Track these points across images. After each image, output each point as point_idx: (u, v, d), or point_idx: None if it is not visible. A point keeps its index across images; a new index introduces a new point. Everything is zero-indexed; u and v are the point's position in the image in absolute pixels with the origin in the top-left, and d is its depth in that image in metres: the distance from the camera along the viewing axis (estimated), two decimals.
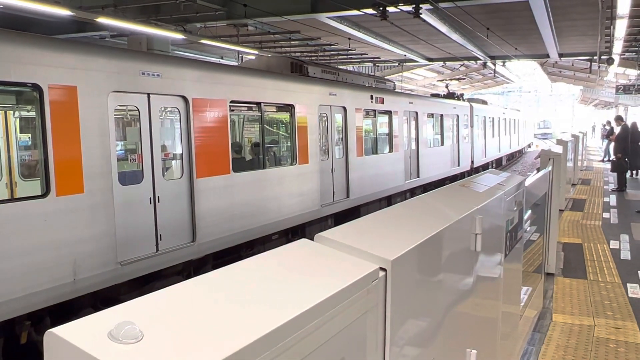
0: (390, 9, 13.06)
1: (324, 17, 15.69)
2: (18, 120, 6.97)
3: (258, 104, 9.50)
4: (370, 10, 13.25)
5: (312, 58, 25.69)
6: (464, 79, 39.35)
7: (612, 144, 18.80)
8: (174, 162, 7.86)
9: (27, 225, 5.62)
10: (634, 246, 8.59)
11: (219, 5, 15.20)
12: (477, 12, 15.66)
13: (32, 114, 6.28)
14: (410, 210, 2.48)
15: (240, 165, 9.22)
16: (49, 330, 0.98)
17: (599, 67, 25.84)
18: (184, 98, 7.77)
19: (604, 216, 11.19)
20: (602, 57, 21.25)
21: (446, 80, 37.68)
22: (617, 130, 18.48)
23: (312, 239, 1.74)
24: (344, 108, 12.33)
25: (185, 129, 7.83)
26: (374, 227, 2.01)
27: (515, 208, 3.73)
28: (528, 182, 4.52)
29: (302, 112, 10.63)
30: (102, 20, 12.26)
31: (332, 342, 1.33)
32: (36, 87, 5.84)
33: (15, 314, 5.59)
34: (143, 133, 7.14)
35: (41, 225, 5.76)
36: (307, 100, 10.85)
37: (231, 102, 8.67)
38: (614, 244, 8.73)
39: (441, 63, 28.55)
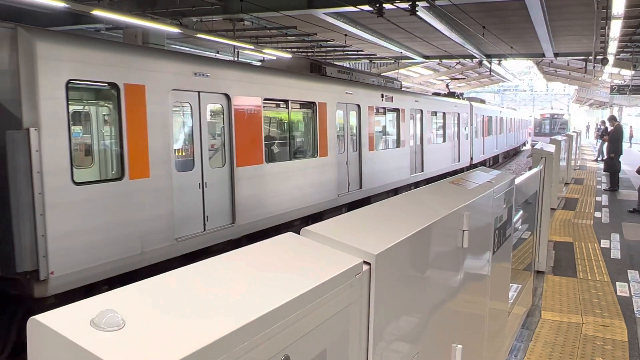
0: (387, 5, 13.06)
1: (321, 13, 15.67)
2: (101, 114, 7.94)
3: (286, 101, 10.57)
4: (366, 7, 13.25)
5: (308, 54, 25.67)
6: (464, 78, 39.46)
7: (606, 144, 18.88)
8: (218, 152, 8.87)
9: (109, 203, 6.71)
10: (624, 245, 8.66)
11: (216, 0, 15.16)
12: (473, 11, 15.68)
13: (110, 108, 7.34)
14: (398, 206, 2.50)
15: (270, 156, 10.27)
16: (32, 317, 1.00)
17: (594, 67, 25.93)
18: (227, 96, 8.79)
19: (595, 215, 11.26)
20: (597, 57, 21.32)
21: (445, 79, 37.76)
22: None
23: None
24: (358, 106, 13.28)
25: (227, 122, 8.87)
26: (360, 222, 2.03)
27: (504, 206, 3.76)
28: (519, 180, 4.55)
29: (322, 109, 11.63)
30: (98, 12, 12.21)
31: (314, 334, 1.35)
32: (114, 86, 6.86)
33: (98, 279, 6.59)
34: (194, 126, 8.24)
35: (118, 204, 6.80)
36: (327, 98, 11.82)
37: (264, 99, 9.70)
38: (604, 243, 8.79)
39: (437, 61, 28.56)
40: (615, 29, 14.53)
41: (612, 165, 15.27)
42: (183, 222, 7.80)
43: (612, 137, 16.13)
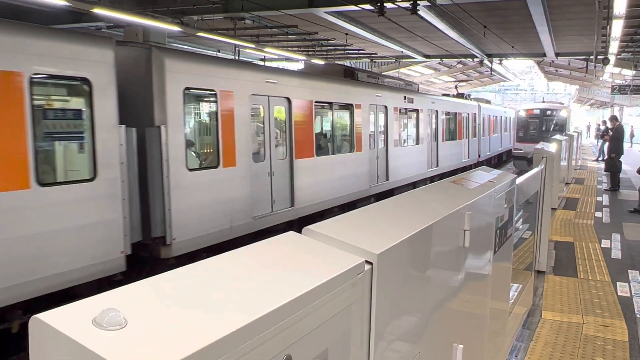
0: (388, 4, 13.04)
1: (322, 12, 15.66)
2: (204, 115, 9.51)
3: (330, 103, 12.37)
4: (367, 6, 13.23)
5: (310, 53, 25.66)
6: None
7: (607, 144, 18.88)
8: (281, 146, 10.53)
9: (210, 186, 8.45)
10: (625, 245, 8.65)
11: None
12: (475, 10, 15.66)
13: (210, 110, 9.01)
14: (400, 206, 2.50)
15: (319, 150, 11.84)
16: (33, 316, 0.99)
17: (595, 66, 25.90)
18: (288, 99, 10.52)
19: (596, 215, 11.25)
20: (598, 56, 21.29)
21: (447, 79, 37.70)
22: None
23: None
24: (386, 107, 14.92)
25: (288, 122, 10.59)
26: (362, 221, 2.03)
27: (505, 205, 3.75)
28: (520, 180, 4.54)
29: (357, 109, 13.30)
30: (99, 11, 12.20)
31: (315, 333, 1.34)
32: (213, 92, 8.63)
33: (202, 246, 8.24)
34: (265, 124, 9.93)
35: (215, 187, 8.57)
36: (361, 100, 13.49)
37: (315, 102, 11.43)
38: (605, 243, 8.79)
39: (438, 60, 28.55)
40: (617, 28, 14.51)
41: (612, 165, 15.25)
42: (257, 204, 9.56)
43: (613, 137, 16.11)
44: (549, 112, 27.59)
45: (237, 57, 22.71)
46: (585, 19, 16.95)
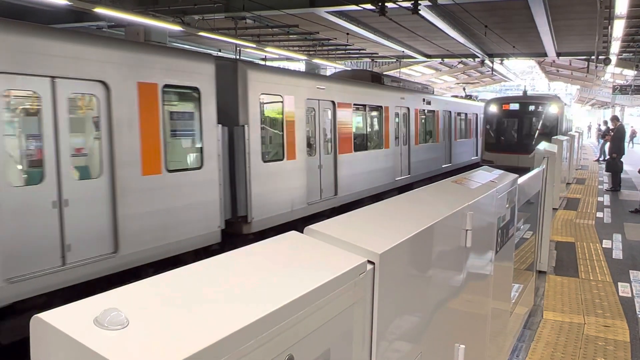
0: (389, 4, 13.03)
1: (323, 12, 15.66)
2: (273, 116, 10.99)
3: (364, 105, 14.02)
4: (368, 6, 13.22)
5: (310, 53, 25.65)
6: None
7: (608, 144, 18.86)
8: (328, 143, 12.32)
9: (277, 176, 10.23)
10: (626, 246, 8.64)
11: None
12: (476, 10, 15.65)
13: (279, 112, 10.69)
14: (401, 205, 2.49)
15: (356, 147, 13.46)
16: (35, 315, 0.99)
17: (596, 67, 25.88)
18: (333, 102, 12.37)
19: (597, 215, 11.24)
20: (600, 57, 21.27)
21: (449, 79, 37.68)
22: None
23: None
24: (408, 108, 16.73)
25: (333, 121, 12.42)
26: (363, 221, 2.02)
27: (507, 205, 3.75)
28: (521, 180, 4.53)
29: (386, 111, 15.13)
30: (100, 10, 12.20)
31: (318, 333, 1.34)
32: (280, 97, 10.45)
33: (271, 225, 10.05)
34: (316, 124, 11.76)
35: (281, 177, 10.35)
36: (388, 103, 15.31)
37: (354, 104, 13.26)
38: (606, 243, 8.78)
39: (439, 60, 28.54)
40: (618, 28, 14.48)
41: (614, 165, 15.23)
42: (310, 192, 11.34)
43: (614, 137, 16.09)
44: (532, 108, 19.68)
45: (238, 57, 22.72)
46: (587, 19, 16.94)
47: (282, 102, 10.40)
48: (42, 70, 6.09)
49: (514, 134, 20.16)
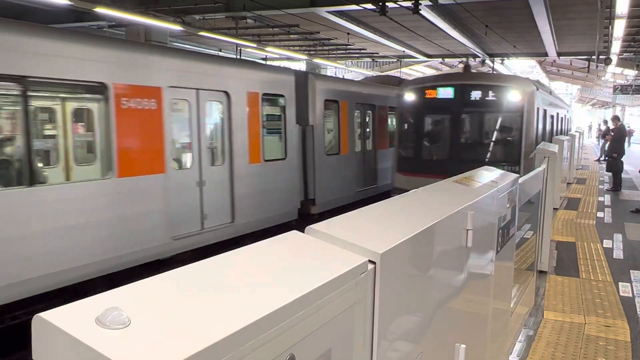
0: (390, 4, 13.02)
1: (323, 12, 15.65)
2: (330, 118, 13.41)
3: (393, 107, 14.75)
4: (369, 5, 13.21)
5: (311, 52, 25.65)
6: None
7: (608, 144, 18.84)
8: (359, 141, 14.41)
9: (335, 166, 12.93)
10: (627, 246, 8.64)
11: None
12: (477, 9, 15.64)
13: (336, 115, 13.30)
14: (402, 205, 2.49)
15: (380, 144, 15.57)
16: (36, 314, 0.99)
17: (597, 66, 25.87)
18: (373, 105, 14.99)
19: (598, 215, 11.23)
20: (600, 56, 21.26)
21: None
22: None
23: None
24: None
25: (372, 122, 15.05)
26: (364, 221, 2.02)
27: (508, 205, 3.75)
28: (522, 179, 4.53)
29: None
30: (101, 10, 12.20)
31: (318, 333, 1.34)
32: (337, 103, 13.01)
33: (330, 207, 12.38)
34: (361, 124, 14.34)
35: (338, 167, 13.06)
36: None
37: (389, 107, 15.58)
38: (607, 243, 8.77)
39: (440, 60, 28.53)
40: (619, 28, 14.47)
41: (614, 165, 15.23)
42: (357, 181, 13.99)
43: (615, 137, 16.09)
44: (477, 95, 11.07)
45: (239, 57, 22.73)
46: (588, 19, 16.93)
47: (338, 106, 12.98)
48: (190, 84, 8.55)
49: (445, 144, 11.62)
